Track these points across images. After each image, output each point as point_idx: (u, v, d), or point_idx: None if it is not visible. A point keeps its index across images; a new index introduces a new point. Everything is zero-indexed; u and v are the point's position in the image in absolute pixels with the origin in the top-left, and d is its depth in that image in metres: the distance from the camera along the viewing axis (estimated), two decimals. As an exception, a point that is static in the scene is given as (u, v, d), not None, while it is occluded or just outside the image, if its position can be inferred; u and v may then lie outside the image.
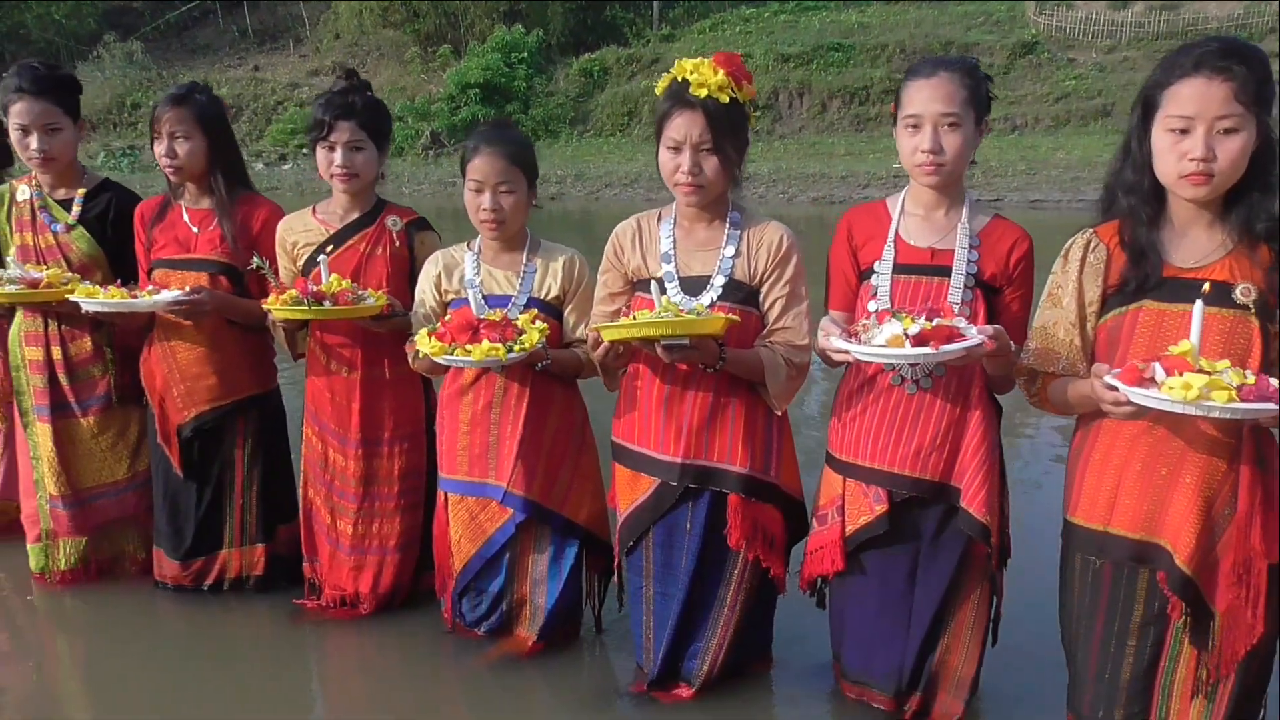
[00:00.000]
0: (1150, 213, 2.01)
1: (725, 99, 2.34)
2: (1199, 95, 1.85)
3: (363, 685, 2.90)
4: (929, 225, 2.39)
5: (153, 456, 3.25)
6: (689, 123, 2.35)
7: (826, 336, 2.29)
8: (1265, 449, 1.98)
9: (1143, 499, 2.01)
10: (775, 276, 2.46)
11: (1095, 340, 2.10)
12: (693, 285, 2.47)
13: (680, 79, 2.37)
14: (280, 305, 2.68)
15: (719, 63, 2.35)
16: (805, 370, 2.48)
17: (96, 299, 2.87)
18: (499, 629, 2.91)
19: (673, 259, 2.50)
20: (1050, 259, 2.16)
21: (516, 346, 2.47)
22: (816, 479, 2.58)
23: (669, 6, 26.91)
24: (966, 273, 2.33)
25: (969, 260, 2.33)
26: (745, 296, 2.46)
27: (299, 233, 2.98)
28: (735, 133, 2.39)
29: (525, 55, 24.35)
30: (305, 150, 22.30)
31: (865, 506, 2.43)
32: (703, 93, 2.32)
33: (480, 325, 2.51)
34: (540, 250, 2.80)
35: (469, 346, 2.45)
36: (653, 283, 2.39)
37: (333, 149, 2.86)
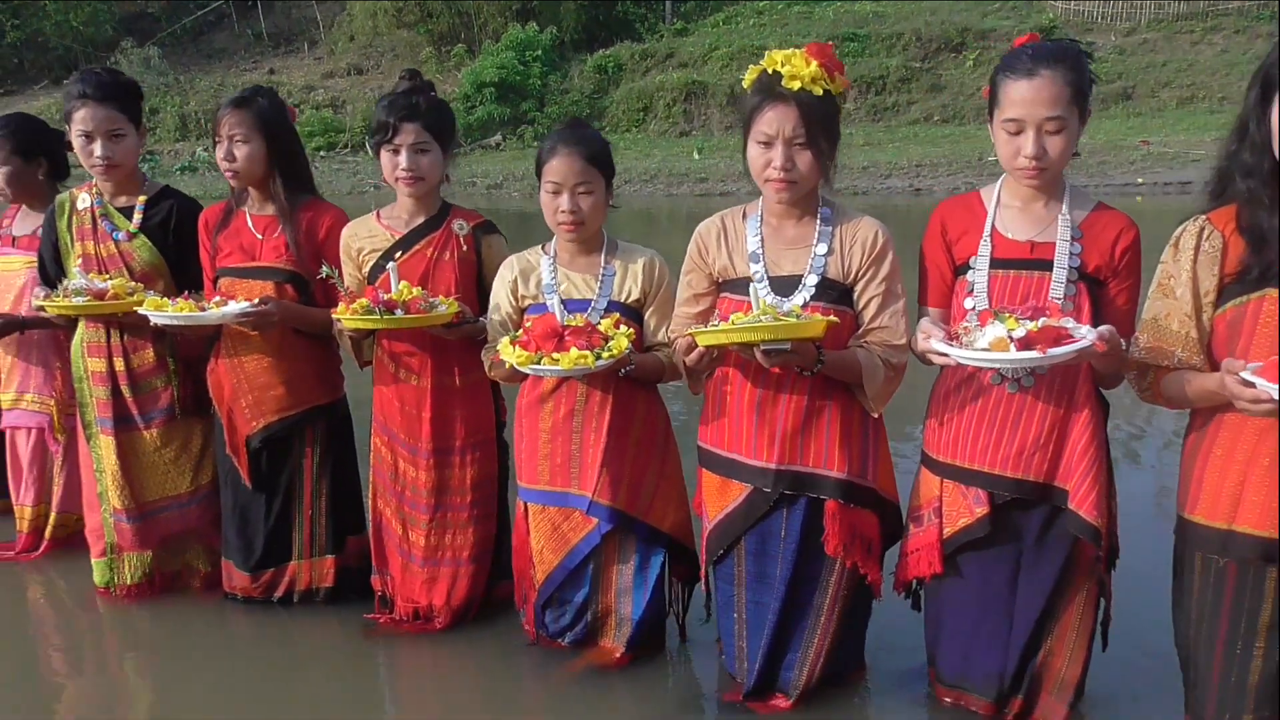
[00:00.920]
0: (1272, 196, 1.93)
1: (819, 91, 2.26)
2: None
3: (441, 699, 2.84)
4: (1027, 217, 2.32)
5: (221, 468, 3.20)
6: (781, 117, 2.27)
7: (926, 339, 2.21)
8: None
9: (1272, 495, 1.93)
10: (870, 274, 2.38)
11: (1212, 332, 2.02)
12: (783, 285, 2.39)
13: (771, 71, 2.28)
14: (351, 315, 2.62)
15: (812, 53, 2.26)
16: (903, 370, 2.40)
17: (165, 311, 2.82)
18: (583, 640, 2.84)
19: (761, 258, 2.42)
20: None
21: (605, 353, 2.40)
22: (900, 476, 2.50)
23: (681, 1, 26.77)
24: (1070, 266, 2.25)
25: (1071, 254, 2.26)
26: (839, 296, 2.39)
27: (364, 239, 2.92)
28: (828, 126, 2.31)
29: (539, 53, 24.24)
30: (323, 153, 22.37)
31: (965, 508, 2.36)
32: (795, 85, 2.24)
33: (565, 332, 2.44)
34: (618, 252, 2.72)
35: (556, 355, 2.38)
36: (751, 285, 2.31)
37: (397, 152, 2.79)
